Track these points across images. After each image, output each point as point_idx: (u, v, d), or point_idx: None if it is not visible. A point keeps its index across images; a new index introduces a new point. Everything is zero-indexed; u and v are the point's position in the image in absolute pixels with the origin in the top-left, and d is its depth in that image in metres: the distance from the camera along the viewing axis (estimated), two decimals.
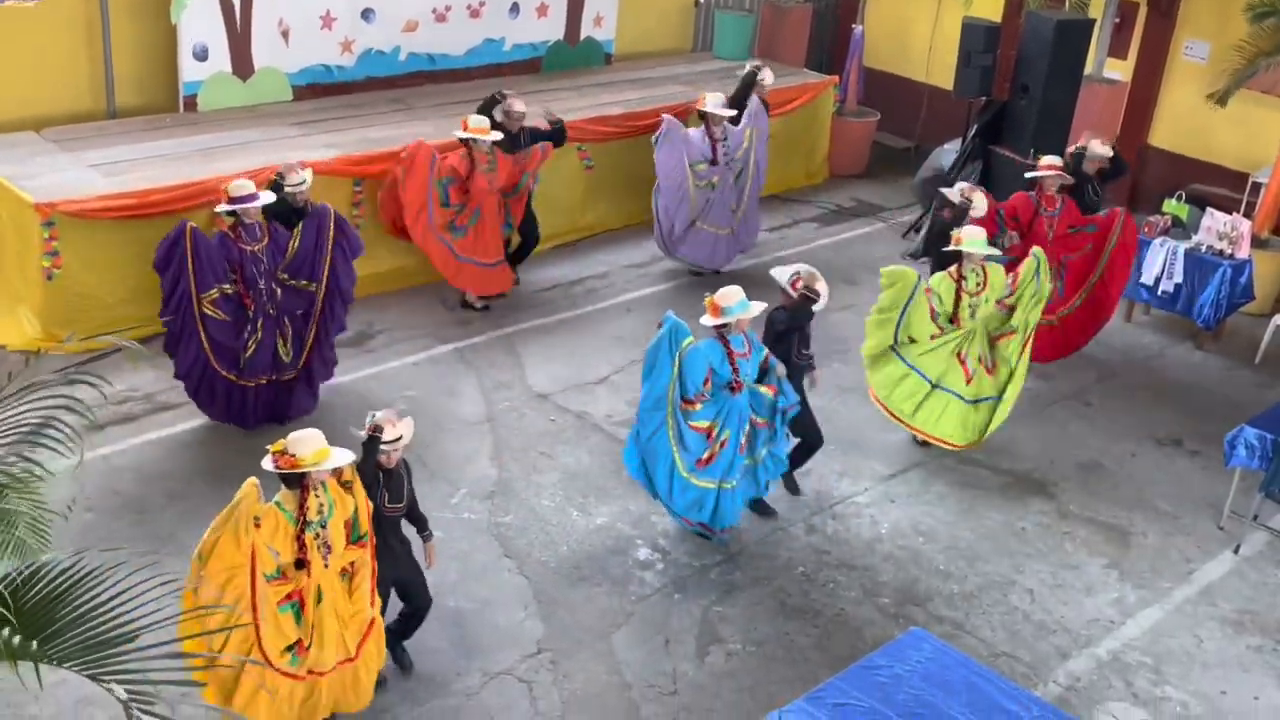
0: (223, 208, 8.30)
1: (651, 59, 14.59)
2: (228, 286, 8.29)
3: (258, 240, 8.36)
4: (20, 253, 9.26)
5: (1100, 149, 10.34)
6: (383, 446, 6.16)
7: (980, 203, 9.62)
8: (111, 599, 4.07)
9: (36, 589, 4.11)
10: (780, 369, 7.76)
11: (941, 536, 8.26)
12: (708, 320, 7.39)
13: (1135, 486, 9.01)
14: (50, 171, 9.64)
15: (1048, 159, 10.13)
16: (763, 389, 7.69)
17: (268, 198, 8.42)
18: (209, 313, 8.26)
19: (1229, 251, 10.77)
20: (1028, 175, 10.18)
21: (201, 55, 11.13)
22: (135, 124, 10.88)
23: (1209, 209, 11.08)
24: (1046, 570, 8.01)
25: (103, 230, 9.25)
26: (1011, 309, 8.81)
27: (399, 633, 6.73)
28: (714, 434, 7.53)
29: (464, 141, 10.17)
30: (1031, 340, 8.84)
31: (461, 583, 7.45)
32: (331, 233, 8.66)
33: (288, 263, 8.55)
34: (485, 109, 10.56)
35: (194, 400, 8.61)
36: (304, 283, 8.64)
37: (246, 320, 8.41)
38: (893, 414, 8.82)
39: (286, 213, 8.72)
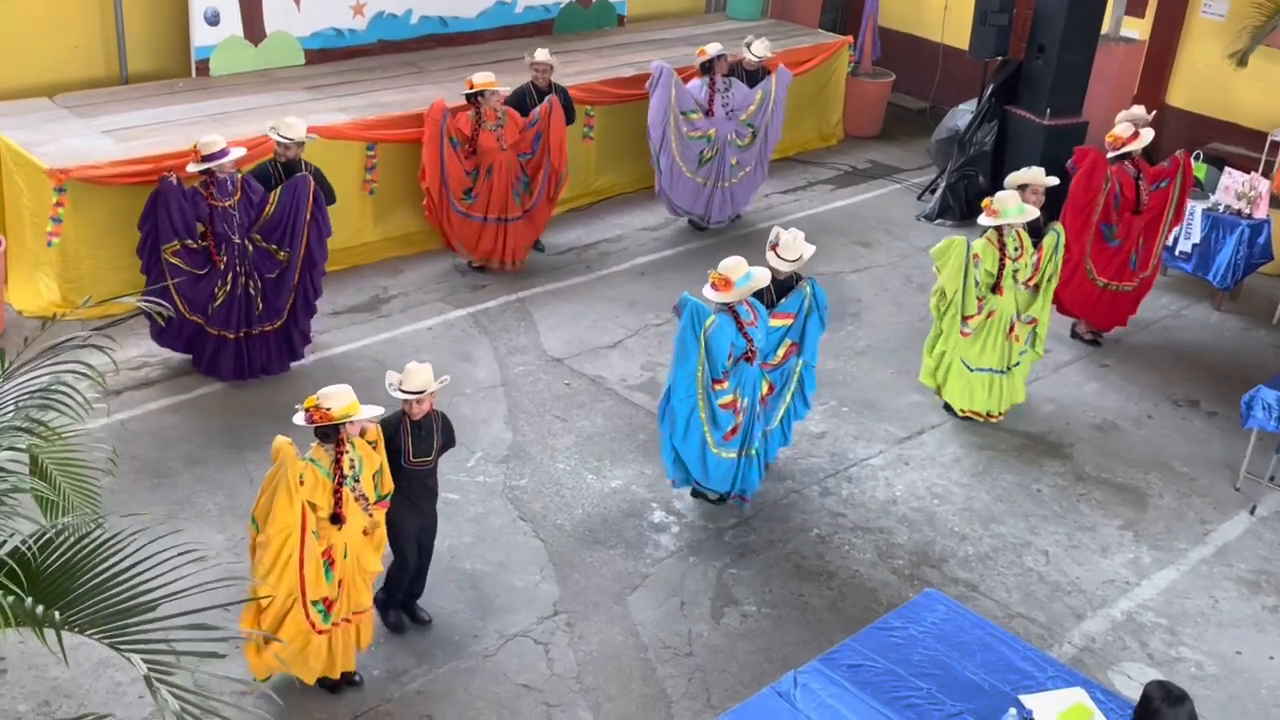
0: (193, 166, 8.32)
1: (664, 20, 14.50)
2: (191, 242, 8.37)
3: (229, 196, 8.42)
4: (37, 219, 9.27)
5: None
6: (404, 395, 6.22)
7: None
8: (130, 567, 4.09)
9: (55, 555, 4.13)
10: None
11: (956, 498, 8.26)
12: (717, 296, 7.26)
13: (1151, 448, 8.99)
14: (64, 137, 9.64)
15: (1120, 128, 9.74)
16: (780, 352, 7.68)
17: (238, 153, 8.46)
18: (171, 261, 8.37)
19: (1247, 211, 10.69)
20: (1114, 154, 9.70)
21: (213, 20, 11.09)
22: (147, 89, 10.86)
23: (1227, 168, 10.99)
24: (1062, 532, 8.01)
25: (116, 196, 9.25)
26: (1036, 288, 8.80)
27: (413, 593, 6.79)
28: (738, 405, 7.52)
29: (471, 100, 10.12)
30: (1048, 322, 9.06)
31: (477, 545, 7.49)
32: (310, 204, 8.72)
33: (262, 224, 8.63)
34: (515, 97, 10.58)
35: (158, 340, 8.81)
36: (274, 247, 8.71)
37: (216, 275, 8.49)
38: (973, 413, 8.97)
39: (267, 173, 8.74)
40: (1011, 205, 8.48)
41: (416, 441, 6.33)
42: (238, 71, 11.30)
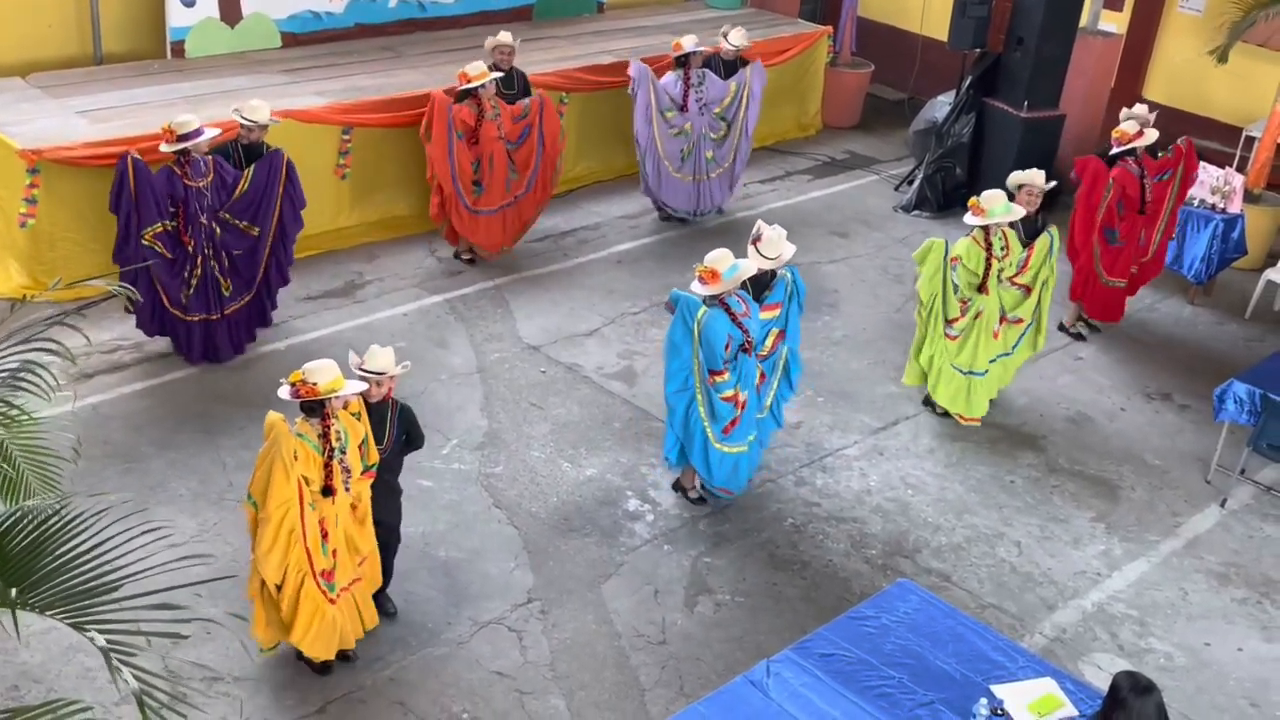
0: (167, 146, 8.23)
1: (644, 8, 14.46)
2: (169, 223, 8.31)
3: (203, 176, 8.37)
4: (6, 200, 9.18)
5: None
6: (364, 374, 6.24)
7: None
8: (94, 547, 4.06)
9: (19, 536, 4.10)
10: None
11: (930, 489, 8.29)
12: (705, 289, 7.16)
13: (1124, 440, 9.03)
14: (37, 118, 9.55)
15: (1126, 125, 9.70)
16: (769, 342, 7.65)
17: (212, 133, 8.39)
18: (149, 245, 8.29)
19: (1221, 206, 10.74)
20: (1117, 150, 9.68)
21: (189, 1, 10.99)
22: (122, 70, 10.76)
23: (1202, 163, 11.03)
24: (1034, 523, 8.05)
25: (89, 177, 9.16)
26: (1027, 289, 8.77)
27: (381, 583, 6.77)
28: (737, 399, 7.45)
29: (468, 93, 10.03)
30: (1045, 320, 9.00)
31: (451, 533, 7.47)
32: (282, 179, 8.70)
33: (233, 202, 8.59)
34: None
35: (145, 330, 8.74)
36: (245, 224, 8.69)
37: (186, 258, 8.44)
38: (963, 417, 8.89)
39: (227, 154, 8.67)
40: (998, 205, 8.42)
41: (370, 426, 6.31)
42: (213, 53, 11.22)
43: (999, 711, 5.39)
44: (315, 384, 5.84)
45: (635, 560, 7.41)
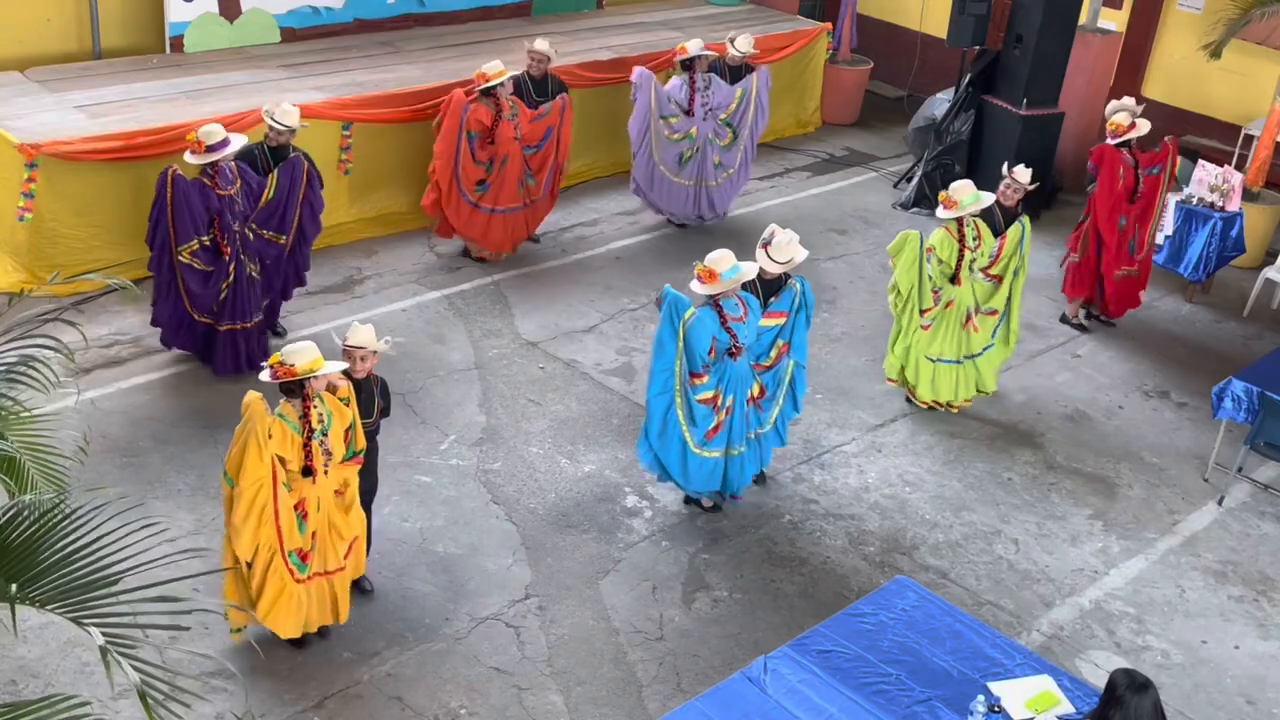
0: (195, 159, 8.11)
1: (643, 3, 14.44)
2: (205, 238, 8.22)
3: (231, 184, 8.30)
4: (4, 195, 9.17)
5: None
6: (347, 347, 6.34)
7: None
8: (93, 541, 4.07)
9: (19, 530, 4.10)
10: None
11: (928, 486, 8.30)
12: (702, 288, 7.14)
13: (1122, 438, 9.04)
14: (35, 112, 9.53)
15: (1119, 116, 9.77)
16: (772, 354, 7.63)
17: (239, 140, 8.34)
18: (186, 262, 8.21)
19: (1220, 204, 10.75)
20: (1115, 141, 9.76)
21: None
22: (121, 65, 10.74)
23: (1201, 161, 11.05)
24: (1032, 520, 8.06)
25: (87, 172, 9.16)
26: (998, 279, 8.80)
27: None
28: (719, 403, 7.38)
29: (486, 93, 10.00)
30: (1018, 310, 8.99)
31: (449, 528, 7.47)
32: (303, 186, 8.67)
33: (258, 211, 8.54)
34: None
35: (168, 344, 8.67)
36: (271, 234, 8.66)
37: (223, 269, 8.35)
38: (934, 403, 8.95)
39: (253, 155, 8.60)
40: (967, 195, 8.51)
41: (358, 403, 6.37)
42: (212, 49, 11.20)
43: (996, 709, 5.40)
44: (293, 365, 5.94)
45: (633, 556, 7.41)
